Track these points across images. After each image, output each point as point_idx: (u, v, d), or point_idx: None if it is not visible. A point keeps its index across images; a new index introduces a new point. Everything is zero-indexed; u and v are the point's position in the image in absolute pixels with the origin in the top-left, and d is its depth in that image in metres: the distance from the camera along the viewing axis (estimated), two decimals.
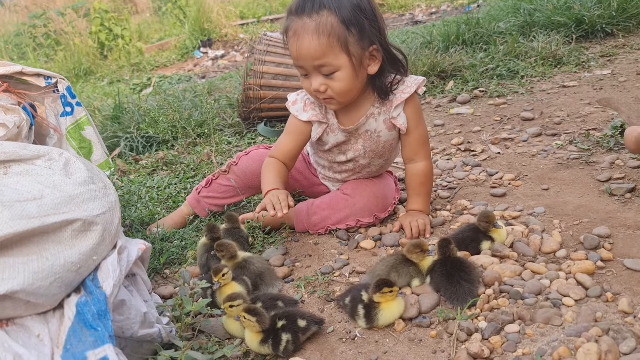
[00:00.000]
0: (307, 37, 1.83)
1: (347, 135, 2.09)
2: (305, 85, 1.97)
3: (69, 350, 1.10)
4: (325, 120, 2.08)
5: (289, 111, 2.14)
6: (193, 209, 2.37)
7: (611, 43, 4.27)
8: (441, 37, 4.57)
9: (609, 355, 1.23)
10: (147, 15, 12.79)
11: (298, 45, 1.86)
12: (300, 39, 1.85)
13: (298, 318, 1.49)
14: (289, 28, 1.89)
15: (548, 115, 3.03)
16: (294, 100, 2.15)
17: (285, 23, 1.92)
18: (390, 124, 2.06)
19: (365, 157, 2.13)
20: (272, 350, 1.47)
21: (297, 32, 1.85)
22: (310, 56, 1.85)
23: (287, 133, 2.16)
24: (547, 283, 1.56)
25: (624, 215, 1.87)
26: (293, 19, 1.87)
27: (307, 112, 2.08)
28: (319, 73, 1.90)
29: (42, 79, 2.26)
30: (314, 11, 1.83)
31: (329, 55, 1.85)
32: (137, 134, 3.74)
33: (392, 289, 1.51)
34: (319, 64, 1.87)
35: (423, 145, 2.10)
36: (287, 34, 1.90)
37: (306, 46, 1.84)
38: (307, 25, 1.83)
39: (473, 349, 1.33)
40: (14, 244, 1.14)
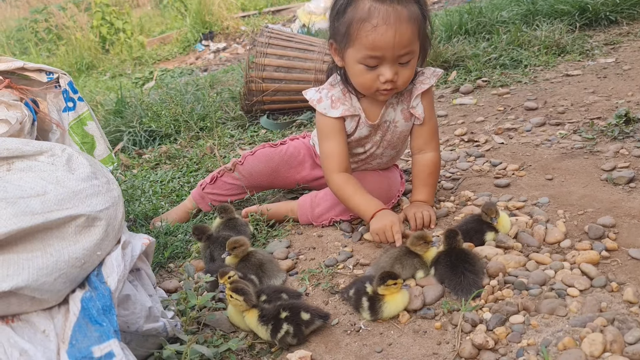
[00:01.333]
0: (403, 25, 1.76)
1: (371, 130, 2.08)
2: (368, 78, 1.87)
3: (75, 346, 1.10)
4: (357, 114, 2.03)
5: (314, 109, 2.04)
6: (197, 204, 2.37)
7: (615, 31, 4.24)
8: (444, 27, 4.54)
9: (614, 345, 1.23)
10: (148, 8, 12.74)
11: (390, 34, 1.75)
12: (393, 28, 1.75)
13: (302, 311, 1.49)
14: (371, 16, 1.76)
15: (552, 104, 3.01)
16: (317, 98, 2.04)
17: (358, 10, 1.78)
18: (409, 114, 2.05)
19: (380, 147, 2.12)
20: (270, 336, 1.47)
21: (389, 19, 1.75)
22: (402, 45, 1.79)
23: (328, 138, 2.03)
24: (552, 273, 1.56)
25: (628, 204, 1.87)
26: (377, 6, 1.76)
27: (337, 108, 2.00)
28: (396, 62, 1.84)
29: (44, 75, 2.25)
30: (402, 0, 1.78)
31: (414, 43, 1.83)
32: (139, 128, 3.75)
33: (397, 281, 1.51)
34: (404, 52, 1.82)
35: (434, 136, 2.09)
36: (369, 22, 1.77)
37: (402, 34, 1.77)
38: (400, 13, 1.76)
39: (478, 340, 1.33)
40: (18, 241, 1.14)
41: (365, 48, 1.81)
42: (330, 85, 2.06)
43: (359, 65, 1.86)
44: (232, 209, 2.11)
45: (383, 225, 1.85)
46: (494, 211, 1.78)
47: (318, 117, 2.06)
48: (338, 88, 2.04)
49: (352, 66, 1.89)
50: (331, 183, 2.03)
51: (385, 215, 1.89)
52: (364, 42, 1.79)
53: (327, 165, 2.04)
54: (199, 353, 1.37)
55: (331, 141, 2.03)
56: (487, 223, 1.80)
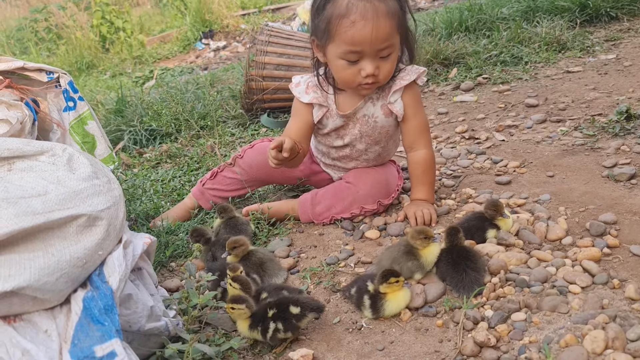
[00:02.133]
0: (382, 21, 1.80)
1: (345, 120, 2.11)
2: (349, 73, 1.91)
3: (77, 345, 1.10)
4: (325, 104, 2.09)
5: (292, 91, 2.15)
6: (197, 201, 2.37)
7: (616, 27, 4.23)
8: (444, 24, 4.53)
9: (616, 342, 1.23)
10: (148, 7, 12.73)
11: (368, 29, 1.79)
12: (371, 23, 1.79)
13: (291, 305, 1.48)
14: (350, 11, 1.80)
15: (553, 101, 3.01)
16: (297, 82, 2.16)
17: (337, 6, 1.82)
18: (387, 109, 2.07)
19: (362, 142, 2.14)
20: (261, 336, 1.47)
21: (367, 15, 1.78)
22: (381, 39, 1.82)
23: (292, 115, 2.18)
24: (553, 271, 1.56)
25: (630, 201, 1.86)
26: (354, 2, 1.79)
27: (308, 94, 2.10)
28: (376, 56, 1.87)
29: (44, 74, 2.25)
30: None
31: (393, 37, 1.86)
32: (140, 127, 3.74)
33: (399, 279, 1.51)
34: (384, 47, 1.85)
35: (422, 134, 2.09)
36: (344, 20, 1.80)
37: (381, 29, 1.80)
38: (378, 8, 1.79)
39: (479, 338, 1.33)
40: (19, 241, 1.14)
41: (345, 43, 1.84)
42: (312, 74, 2.13)
43: (340, 61, 1.90)
44: (231, 208, 2.11)
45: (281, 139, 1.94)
46: (501, 206, 1.78)
47: (294, 100, 2.17)
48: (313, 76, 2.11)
49: (334, 61, 1.93)
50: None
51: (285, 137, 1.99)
52: (344, 37, 1.83)
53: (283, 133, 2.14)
54: (201, 352, 1.37)
55: (294, 119, 2.16)
56: (489, 220, 1.80)
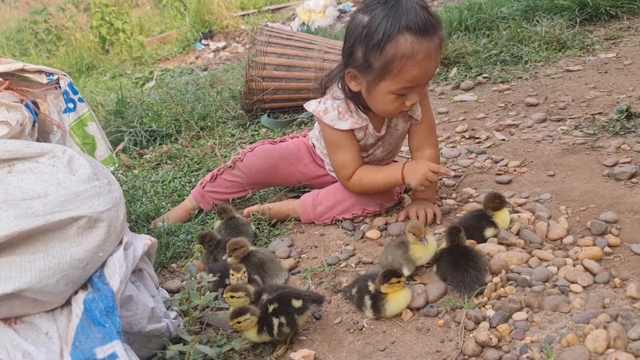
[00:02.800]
0: (439, 55, 1.83)
1: (377, 139, 2.09)
2: (396, 105, 1.88)
3: (78, 347, 1.10)
4: (365, 124, 2.02)
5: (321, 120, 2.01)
6: (197, 203, 2.37)
7: (616, 26, 4.23)
8: (444, 24, 4.52)
9: (618, 341, 1.23)
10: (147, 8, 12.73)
11: (432, 66, 1.81)
12: (434, 59, 1.80)
13: (292, 299, 1.48)
14: (416, 53, 1.74)
15: (553, 100, 3.01)
16: (323, 109, 2.01)
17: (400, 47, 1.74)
18: (408, 116, 2.06)
19: (382, 150, 2.14)
20: (269, 336, 1.47)
21: (430, 54, 1.77)
22: (433, 73, 1.87)
23: (340, 149, 2.03)
24: (555, 270, 1.56)
25: (631, 200, 1.86)
26: (419, 41, 1.74)
27: (345, 120, 1.98)
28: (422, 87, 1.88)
29: (44, 76, 2.25)
30: (437, 30, 1.78)
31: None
32: (140, 129, 3.75)
33: (400, 279, 1.50)
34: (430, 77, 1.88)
35: (431, 133, 2.10)
36: (413, 58, 1.75)
37: (438, 62, 1.84)
38: (437, 44, 1.79)
39: (481, 338, 1.33)
40: (20, 243, 1.14)
41: (405, 81, 1.81)
42: (332, 98, 2.03)
43: (389, 96, 1.86)
44: (230, 209, 2.11)
45: (420, 175, 1.88)
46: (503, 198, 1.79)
47: (325, 128, 2.03)
48: (341, 100, 2.01)
49: (383, 96, 1.87)
50: (352, 188, 2.06)
51: (414, 166, 1.93)
52: (406, 77, 1.79)
53: (343, 174, 2.04)
54: (202, 353, 1.37)
55: (343, 152, 2.03)
56: (487, 219, 1.80)
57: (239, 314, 1.46)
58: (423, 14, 1.74)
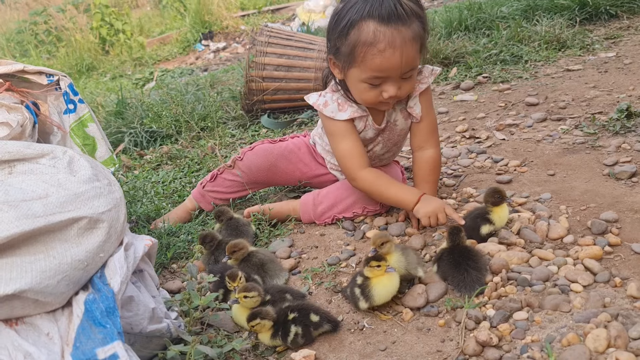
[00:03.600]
0: (408, 47, 1.76)
1: (377, 132, 2.09)
2: (371, 95, 1.87)
3: (79, 348, 1.10)
4: (365, 114, 2.02)
5: (322, 113, 2.02)
6: (198, 203, 2.37)
7: (616, 25, 4.22)
8: (443, 24, 4.53)
9: (619, 340, 1.23)
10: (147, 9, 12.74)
11: (397, 57, 1.75)
12: (399, 51, 1.75)
13: (312, 313, 1.49)
14: (377, 40, 1.73)
15: (553, 100, 3.01)
16: (323, 102, 2.02)
17: (363, 33, 1.75)
18: (407, 113, 2.06)
19: (382, 146, 2.13)
20: (282, 341, 1.48)
21: (395, 43, 1.73)
22: (408, 65, 1.80)
23: (342, 139, 2.01)
24: (555, 269, 1.56)
25: (631, 199, 1.86)
26: (381, 29, 1.73)
27: (345, 111, 1.99)
28: (399, 79, 1.84)
29: (44, 77, 2.25)
30: (408, 18, 1.74)
31: (418, 58, 1.83)
32: (140, 129, 3.75)
33: (380, 263, 1.51)
34: (408, 69, 1.82)
35: (433, 133, 2.09)
36: (374, 46, 1.74)
37: (408, 56, 1.77)
38: (405, 35, 1.74)
39: (481, 337, 1.33)
40: (21, 244, 1.15)
41: (370, 70, 1.80)
42: (332, 90, 2.05)
43: (362, 84, 1.86)
44: (227, 210, 2.10)
45: (434, 208, 1.84)
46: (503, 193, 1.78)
47: (326, 121, 2.04)
48: (339, 94, 2.03)
49: (356, 84, 1.88)
50: (360, 181, 1.99)
51: (431, 199, 1.89)
52: (370, 65, 1.78)
53: (349, 165, 2.00)
54: (203, 353, 1.37)
55: (346, 141, 2.01)
56: (482, 216, 1.80)
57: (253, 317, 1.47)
58: (392, 2, 1.73)
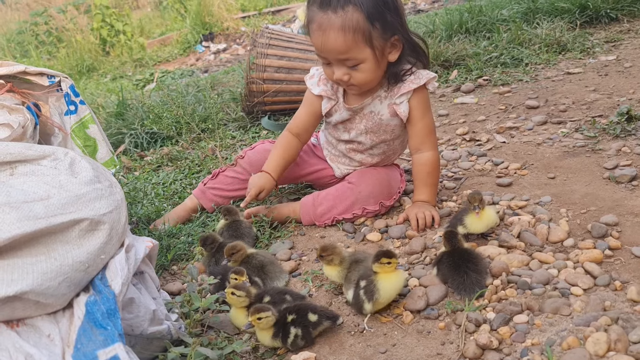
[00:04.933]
0: (333, 34, 1.85)
1: (352, 114, 2.13)
2: (328, 72, 2.01)
3: (80, 350, 1.10)
4: (334, 98, 2.13)
5: (305, 81, 2.19)
6: (199, 200, 2.37)
7: (616, 28, 4.23)
8: (444, 26, 4.54)
9: (619, 344, 1.23)
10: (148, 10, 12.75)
11: (323, 39, 1.87)
12: (325, 34, 1.86)
13: (309, 312, 1.49)
14: (312, 20, 1.90)
15: (553, 103, 3.01)
16: (312, 74, 2.19)
17: (307, 13, 1.93)
18: (393, 109, 2.08)
19: (367, 137, 2.15)
20: (282, 343, 1.48)
21: (322, 26, 1.86)
22: (336, 51, 1.88)
23: (303, 105, 2.22)
24: (555, 273, 1.56)
25: (631, 202, 1.86)
26: (316, 11, 1.87)
27: (319, 86, 2.13)
28: (343, 64, 1.93)
29: (46, 78, 2.26)
30: (340, 7, 1.82)
31: (354, 50, 1.88)
32: (141, 130, 3.75)
33: (391, 260, 1.50)
34: (343, 58, 1.90)
35: (429, 136, 2.10)
36: (310, 26, 1.91)
37: (332, 42, 1.86)
38: (332, 21, 1.84)
39: (482, 340, 1.33)
40: (22, 245, 1.15)
41: (314, 46, 1.95)
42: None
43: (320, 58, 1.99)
44: (236, 211, 2.11)
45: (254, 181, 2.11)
46: (477, 199, 1.75)
47: (307, 90, 2.20)
48: None
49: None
50: (279, 137, 2.25)
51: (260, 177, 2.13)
52: (312, 40, 1.95)
53: (289, 123, 2.25)
54: (204, 355, 1.37)
55: (303, 108, 2.22)
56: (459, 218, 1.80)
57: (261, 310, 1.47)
58: None
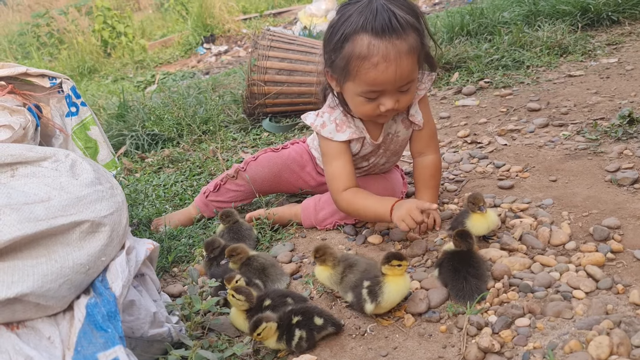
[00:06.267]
0: (404, 60, 1.71)
1: (375, 147, 2.07)
2: (368, 108, 1.84)
3: (80, 352, 1.10)
4: (362, 135, 2.01)
5: (319, 134, 2.01)
6: (201, 212, 2.37)
7: (617, 31, 4.23)
8: (445, 29, 4.54)
9: (621, 348, 1.22)
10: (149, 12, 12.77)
11: (392, 71, 1.71)
12: (394, 64, 1.70)
13: (315, 315, 1.49)
14: (371, 53, 1.70)
15: (555, 105, 3.01)
16: (321, 123, 2.00)
17: (357, 46, 1.72)
18: (408, 122, 2.05)
19: (383, 157, 2.13)
20: (286, 345, 1.47)
21: (389, 57, 1.69)
22: (404, 78, 1.76)
23: (335, 159, 1.99)
24: (557, 276, 1.55)
25: (633, 205, 1.86)
26: (375, 42, 1.70)
27: (344, 132, 1.97)
28: (396, 92, 1.80)
29: (47, 80, 2.26)
30: (403, 30, 1.70)
31: (415, 71, 1.80)
32: (142, 132, 3.75)
33: (402, 262, 1.48)
34: (405, 83, 1.78)
35: (433, 139, 2.10)
36: (368, 60, 1.71)
37: (402, 69, 1.72)
38: (400, 48, 1.70)
39: (483, 344, 1.33)
40: (22, 247, 1.14)
41: (365, 84, 1.77)
42: (330, 108, 2.02)
43: (359, 98, 1.83)
44: (235, 213, 2.11)
45: (406, 210, 1.77)
46: (481, 199, 1.75)
47: (323, 141, 2.01)
48: (338, 111, 1.99)
49: (352, 98, 1.86)
50: (340, 202, 1.98)
51: (403, 202, 1.84)
52: (364, 79, 1.75)
53: (335, 185, 1.98)
54: (204, 358, 1.37)
55: (338, 162, 1.98)
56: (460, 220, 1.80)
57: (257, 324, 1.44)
58: (386, 15, 1.69)
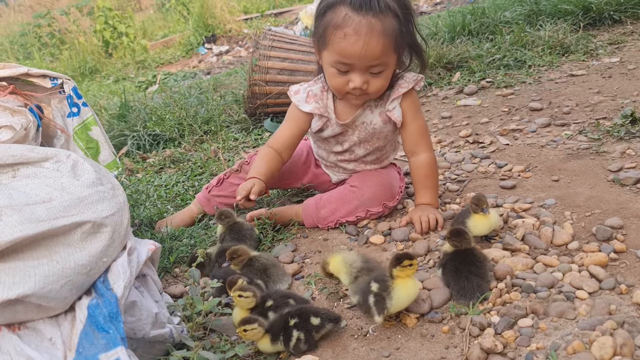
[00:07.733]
0: (374, 39, 1.79)
1: (344, 128, 2.12)
2: (339, 82, 1.92)
3: (82, 354, 1.10)
4: (326, 114, 2.10)
5: (291, 100, 2.14)
6: (203, 208, 2.36)
7: (619, 30, 4.22)
8: (447, 28, 4.54)
9: (625, 348, 1.22)
10: (150, 12, 12.79)
11: (359, 45, 1.79)
12: (363, 39, 1.78)
13: (312, 316, 1.48)
14: (345, 24, 1.79)
15: (557, 105, 3.00)
16: (296, 90, 2.15)
17: (335, 16, 1.82)
18: (386, 116, 2.08)
19: (361, 147, 2.16)
20: (284, 347, 1.47)
21: (360, 31, 1.78)
22: (372, 57, 1.83)
23: (287, 121, 2.16)
24: (560, 276, 1.55)
25: (636, 205, 1.85)
26: (351, 15, 1.79)
27: (309, 104, 2.10)
28: (366, 72, 1.88)
29: (48, 80, 2.26)
30: (381, 11, 1.78)
31: (387, 55, 1.86)
32: (143, 132, 3.75)
33: (412, 262, 1.45)
34: (374, 64, 1.86)
35: (423, 137, 2.10)
36: (342, 30, 1.80)
37: (371, 47, 1.80)
38: (373, 26, 1.78)
39: (486, 344, 1.32)
40: (24, 248, 1.14)
41: (336, 53, 1.85)
42: (313, 81, 2.14)
43: (331, 68, 1.92)
44: (232, 213, 2.09)
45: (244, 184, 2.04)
46: (484, 201, 1.74)
47: (291, 105, 2.15)
48: (319, 84, 2.11)
49: (326, 68, 1.96)
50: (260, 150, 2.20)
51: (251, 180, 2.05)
52: (335, 48, 1.84)
53: (270, 139, 2.19)
54: (206, 359, 1.36)
55: (286, 125, 2.16)
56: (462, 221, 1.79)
57: (247, 322, 1.45)
58: None
